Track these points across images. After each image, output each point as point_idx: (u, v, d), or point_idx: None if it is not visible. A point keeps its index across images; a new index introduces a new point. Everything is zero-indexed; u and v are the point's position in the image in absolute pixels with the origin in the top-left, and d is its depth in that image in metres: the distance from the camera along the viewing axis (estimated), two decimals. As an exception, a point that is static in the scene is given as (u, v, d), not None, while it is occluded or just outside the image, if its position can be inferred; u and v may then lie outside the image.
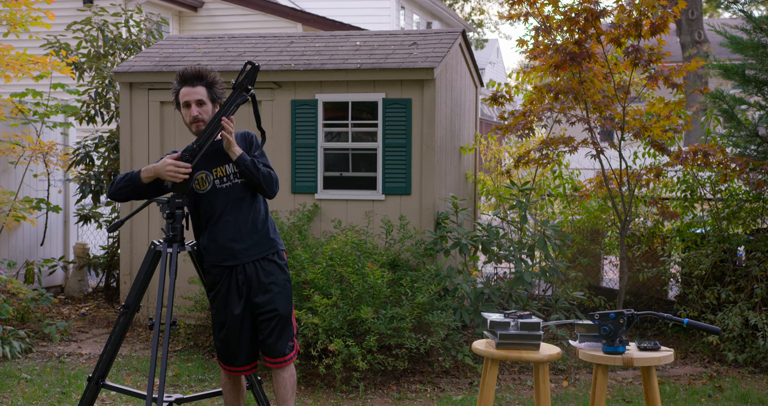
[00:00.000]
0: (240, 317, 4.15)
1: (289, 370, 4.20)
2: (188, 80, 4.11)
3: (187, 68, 4.13)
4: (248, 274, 4.13)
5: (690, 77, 15.34)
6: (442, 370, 6.44)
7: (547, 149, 7.36)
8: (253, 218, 4.16)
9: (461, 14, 35.03)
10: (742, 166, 7.02)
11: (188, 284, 7.10)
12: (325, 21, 15.02)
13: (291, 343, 4.19)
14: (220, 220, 4.14)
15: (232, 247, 4.13)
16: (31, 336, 7.12)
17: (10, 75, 8.16)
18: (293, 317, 4.24)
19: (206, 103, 4.10)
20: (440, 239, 6.72)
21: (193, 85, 4.10)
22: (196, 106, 4.10)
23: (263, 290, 4.12)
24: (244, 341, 4.18)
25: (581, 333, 4.18)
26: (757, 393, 6.05)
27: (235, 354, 4.20)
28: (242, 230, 4.13)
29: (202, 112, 4.10)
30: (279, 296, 4.14)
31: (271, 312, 4.12)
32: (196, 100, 4.09)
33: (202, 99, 4.09)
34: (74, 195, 9.20)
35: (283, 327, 4.15)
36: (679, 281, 7.88)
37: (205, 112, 4.10)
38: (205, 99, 4.10)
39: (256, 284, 4.13)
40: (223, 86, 4.19)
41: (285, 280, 4.19)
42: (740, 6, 21.08)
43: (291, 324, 4.21)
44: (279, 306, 4.13)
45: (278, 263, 4.19)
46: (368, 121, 7.09)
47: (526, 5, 7.36)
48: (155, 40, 9.46)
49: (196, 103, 4.10)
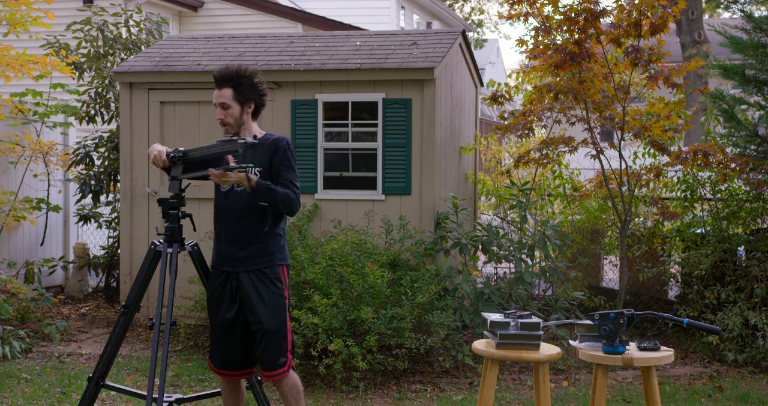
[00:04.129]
0: (233, 320, 4.14)
1: (287, 383, 4.15)
2: (216, 82, 4.16)
3: (217, 69, 4.17)
4: (240, 283, 4.12)
5: (690, 77, 15.34)
6: (442, 370, 6.44)
7: (547, 149, 7.36)
8: (259, 227, 4.12)
9: (461, 14, 35.04)
10: (742, 166, 7.02)
11: (188, 284, 7.10)
12: (325, 21, 15.02)
13: (282, 358, 4.10)
14: (229, 222, 4.15)
15: (232, 253, 4.13)
16: (31, 336, 7.12)
17: (10, 75, 8.16)
18: (288, 332, 4.14)
19: (230, 105, 4.12)
20: (440, 239, 6.72)
21: (220, 87, 4.14)
22: (221, 108, 4.14)
23: (249, 302, 4.10)
24: (235, 346, 4.16)
25: (581, 333, 4.18)
26: (757, 393, 6.05)
27: (226, 358, 4.19)
28: (244, 238, 4.12)
29: (227, 115, 4.13)
30: (264, 311, 4.07)
31: (255, 325, 4.09)
32: (221, 103, 4.13)
33: (225, 102, 4.12)
34: (74, 195, 9.20)
35: (269, 342, 4.07)
36: (679, 281, 7.88)
37: (230, 115, 4.13)
38: (230, 102, 4.12)
39: (245, 296, 4.11)
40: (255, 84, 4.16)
41: (275, 295, 4.10)
42: (740, 6, 21.07)
43: (281, 339, 4.10)
44: (264, 322, 4.06)
45: (270, 277, 4.11)
46: (368, 121, 7.09)
47: (526, 5, 7.36)
48: (155, 40, 9.46)
49: (221, 106, 4.14)
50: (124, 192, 7.67)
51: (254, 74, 4.18)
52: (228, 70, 4.14)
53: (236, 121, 4.15)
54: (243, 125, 4.18)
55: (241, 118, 4.16)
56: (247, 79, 4.15)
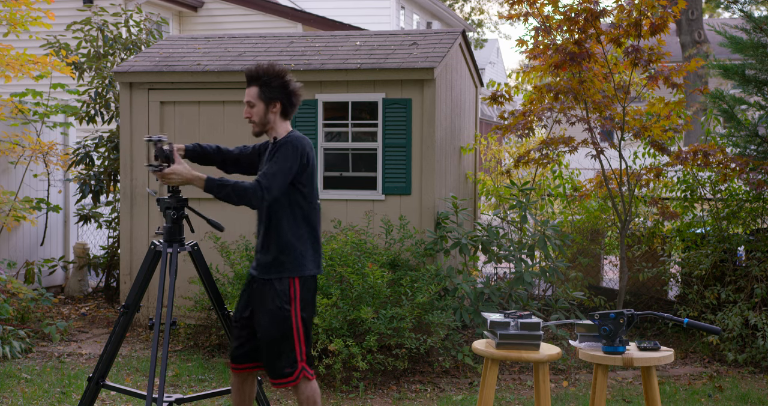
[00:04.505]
0: (247, 319, 4.20)
1: (301, 391, 4.14)
2: (246, 80, 4.19)
3: (247, 67, 4.19)
4: (253, 289, 4.17)
5: (690, 77, 15.34)
6: (442, 370, 6.44)
7: (547, 149, 7.35)
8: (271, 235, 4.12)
9: (461, 14, 35.03)
10: (742, 166, 7.02)
11: (188, 284, 7.10)
12: (325, 21, 15.02)
13: (288, 369, 4.09)
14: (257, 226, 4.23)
15: (257, 258, 4.19)
16: (31, 336, 7.12)
17: (10, 75, 8.16)
18: (296, 343, 4.10)
19: (255, 104, 4.14)
20: (440, 239, 6.72)
21: (248, 85, 4.17)
22: (247, 106, 4.16)
23: (254, 310, 4.15)
24: (245, 341, 4.20)
25: (581, 333, 4.18)
26: (757, 393, 6.05)
27: (235, 351, 4.24)
28: (260, 244, 4.17)
29: (252, 113, 4.16)
30: (266, 321, 4.08)
31: (258, 332, 4.14)
32: (247, 101, 4.16)
33: (250, 100, 4.14)
34: (74, 195, 9.20)
35: (271, 350, 4.09)
36: (679, 281, 7.88)
37: (255, 114, 4.15)
38: (255, 100, 4.13)
39: (253, 302, 4.16)
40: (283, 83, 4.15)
41: (278, 307, 4.06)
42: (740, 6, 21.08)
43: (285, 349, 4.08)
44: (264, 331, 4.09)
45: (276, 289, 4.07)
46: (368, 121, 7.09)
47: (526, 5, 7.36)
48: (155, 40, 9.46)
49: (247, 104, 4.16)
50: (124, 192, 7.67)
51: (282, 73, 4.16)
52: (256, 68, 4.14)
53: (261, 120, 4.15)
54: (268, 124, 4.17)
55: (265, 117, 4.15)
56: (275, 79, 4.14)
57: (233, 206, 4.18)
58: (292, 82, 4.19)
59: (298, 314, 4.09)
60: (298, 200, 4.10)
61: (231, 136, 7.32)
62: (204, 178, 3.98)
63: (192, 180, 3.99)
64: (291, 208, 4.09)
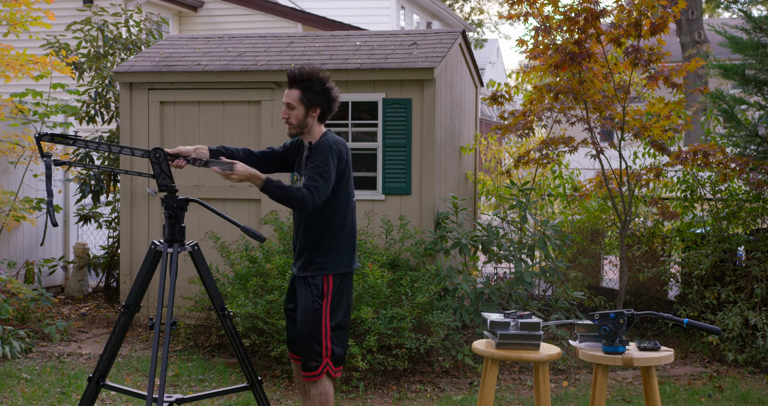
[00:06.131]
0: (293, 310, 4.36)
1: (317, 387, 4.21)
2: (288, 81, 4.19)
3: (291, 69, 4.18)
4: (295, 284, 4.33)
5: (690, 77, 15.34)
6: (442, 370, 6.44)
7: (547, 149, 7.35)
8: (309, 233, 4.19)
9: (461, 14, 35.04)
10: (742, 166, 7.02)
11: (188, 284, 7.10)
12: (325, 21, 15.02)
13: (314, 363, 4.18)
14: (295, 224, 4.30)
15: (295, 256, 4.30)
16: (31, 336, 7.12)
17: (10, 75, 8.16)
18: (323, 339, 4.17)
19: (296, 107, 4.14)
20: (440, 239, 6.72)
21: (290, 87, 4.17)
22: (286, 108, 4.17)
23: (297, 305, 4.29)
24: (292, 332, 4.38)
25: (581, 333, 4.18)
26: (757, 393, 6.05)
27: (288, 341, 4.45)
28: (299, 242, 4.25)
29: (291, 115, 4.16)
30: (300, 315, 4.22)
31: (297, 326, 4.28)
32: (287, 103, 4.16)
33: (290, 103, 4.15)
34: (74, 195, 9.20)
35: (303, 343, 4.21)
36: (679, 281, 7.88)
37: (294, 116, 4.15)
38: (295, 103, 4.14)
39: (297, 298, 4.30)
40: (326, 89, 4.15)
41: (312, 302, 4.17)
42: (740, 6, 21.08)
43: (312, 343, 4.17)
44: (299, 325, 4.23)
45: (310, 284, 4.18)
46: (368, 121, 7.09)
47: (526, 5, 7.36)
48: (155, 40, 9.46)
49: (287, 106, 4.16)
50: (124, 192, 7.67)
51: (325, 79, 4.16)
52: (301, 71, 4.13)
53: (299, 123, 4.17)
54: (305, 127, 4.19)
55: (304, 121, 4.16)
56: (318, 84, 4.14)
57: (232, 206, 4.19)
58: (334, 89, 4.20)
59: (328, 311, 4.18)
60: (337, 199, 4.17)
61: (231, 136, 7.33)
62: (263, 178, 4.01)
63: (251, 178, 4.00)
64: (330, 206, 4.16)
